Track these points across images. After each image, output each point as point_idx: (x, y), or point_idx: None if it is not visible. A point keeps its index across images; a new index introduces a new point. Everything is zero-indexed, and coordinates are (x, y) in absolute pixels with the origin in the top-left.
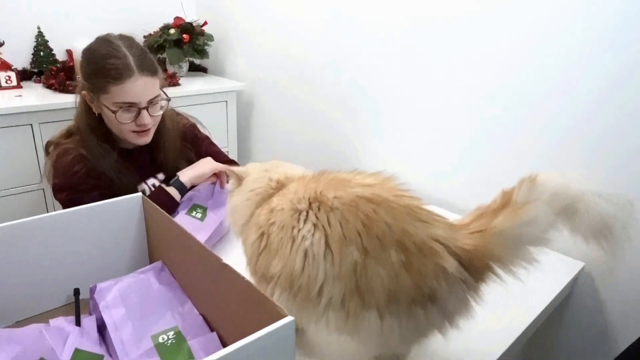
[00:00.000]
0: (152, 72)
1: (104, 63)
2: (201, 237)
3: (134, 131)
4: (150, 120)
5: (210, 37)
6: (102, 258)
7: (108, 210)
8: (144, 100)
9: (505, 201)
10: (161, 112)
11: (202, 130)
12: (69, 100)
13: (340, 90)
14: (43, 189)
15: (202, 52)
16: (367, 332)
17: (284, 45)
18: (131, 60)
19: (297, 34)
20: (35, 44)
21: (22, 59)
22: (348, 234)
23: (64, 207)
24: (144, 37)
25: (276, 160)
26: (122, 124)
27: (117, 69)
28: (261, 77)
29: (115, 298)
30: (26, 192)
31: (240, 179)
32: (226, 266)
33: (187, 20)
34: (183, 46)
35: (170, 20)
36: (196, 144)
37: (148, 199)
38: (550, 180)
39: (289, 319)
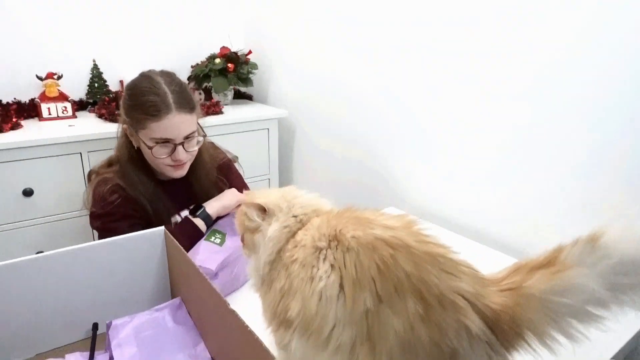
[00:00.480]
0: (189, 109)
1: (143, 99)
2: (218, 257)
3: (169, 165)
4: (186, 155)
5: (255, 66)
6: (124, 291)
7: (130, 243)
8: (179, 137)
9: (552, 258)
10: (197, 148)
11: (237, 168)
12: (116, 129)
13: (383, 117)
14: None
15: (246, 80)
16: None
17: (326, 72)
18: (170, 97)
19: (340, 61)
20: (90, 75)
21: (79, 90)
22: (361, 278)
23: (99, 235)
24: (192, 66)
25: (292, 187)
26: (158, 159)
27: (155, 106)
28: (304, 104)
29: (129, 336)
30: (75, 217)
31: (265, 210)
32: (233, 312)
33: (234, 49)
34: (228, 75)
35: (217, 50)
36: (229, 178)
37: (170, 234)
38: (620, 243)
39: None
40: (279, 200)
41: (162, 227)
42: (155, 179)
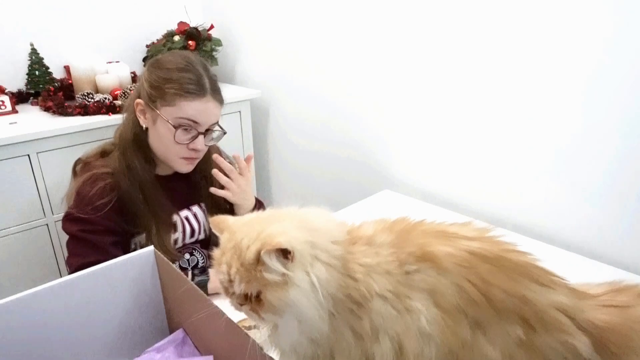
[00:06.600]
0: (220, 101)
1: (180, 75)
2: None
3: (183, 157)
4: (203, 147)
5: (218, 42)
6: (117, 327)
7: (116, 270)
8: (206, 124)
9: None
10: (212, 143)
11: None
12: (68, 124)
13: (366, 96)
14: (47, 224)
15: (210, 59)
16: None
17: (301, 46)
18: (206, 80)
19: (311, 32)
20: (29, 62)
21: (16, 80)
22: (463, 305)
23: (70, 240)
24: (147, 46)
25: (290, 209)
26: (176, 145)
27: (192, 84)
28: (277, 83)
29: None
30: (29, 229)
31: (288, 254)
32: (250, 338)
33: (192, 24)
34: None
35: (174, 27)
36: None
37: (161, 254)
38: None
39: None
40: (301, 233)
41: (152, 247)
42: (154, 173)
